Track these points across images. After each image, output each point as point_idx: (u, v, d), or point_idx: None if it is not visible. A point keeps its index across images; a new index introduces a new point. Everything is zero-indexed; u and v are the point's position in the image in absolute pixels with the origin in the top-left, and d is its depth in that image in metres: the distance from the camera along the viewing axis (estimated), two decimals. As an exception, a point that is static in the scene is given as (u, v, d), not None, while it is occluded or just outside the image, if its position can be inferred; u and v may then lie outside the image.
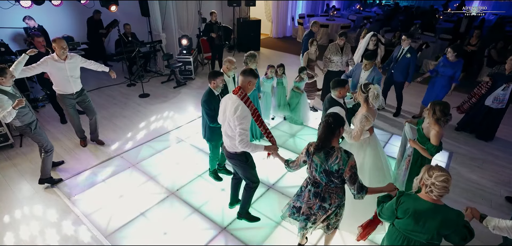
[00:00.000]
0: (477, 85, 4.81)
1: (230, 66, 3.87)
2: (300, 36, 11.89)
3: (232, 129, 2.59)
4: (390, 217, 2.05)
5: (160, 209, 3.49)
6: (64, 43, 3.85)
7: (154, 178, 3.98)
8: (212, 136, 3.49)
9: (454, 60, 4.70)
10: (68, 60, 3.95)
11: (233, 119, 2.51)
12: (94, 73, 7.71)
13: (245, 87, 2.56)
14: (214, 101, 3.22)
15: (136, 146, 4.67)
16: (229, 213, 3.43)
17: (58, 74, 3.94)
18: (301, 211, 2.44)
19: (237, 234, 3.17)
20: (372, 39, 5.68)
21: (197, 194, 3.72)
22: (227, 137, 2.71)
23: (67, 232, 3.16)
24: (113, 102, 6.18)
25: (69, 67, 3.98)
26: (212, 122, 3.24)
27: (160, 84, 7.18)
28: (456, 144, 4.86)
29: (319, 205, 2.33)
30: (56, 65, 3.89)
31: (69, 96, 4.15)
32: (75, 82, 4.12)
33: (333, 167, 2.14)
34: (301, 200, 2.46)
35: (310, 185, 2.38)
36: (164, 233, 3.17)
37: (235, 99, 2.54)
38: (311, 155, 2.25)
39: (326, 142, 2.16)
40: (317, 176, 2.26)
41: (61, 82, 4.02)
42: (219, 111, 2.82)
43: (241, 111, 2.48)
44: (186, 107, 6.06)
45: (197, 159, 4.41)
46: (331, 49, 5.38)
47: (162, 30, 7.52)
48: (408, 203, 1.90)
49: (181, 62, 7.30)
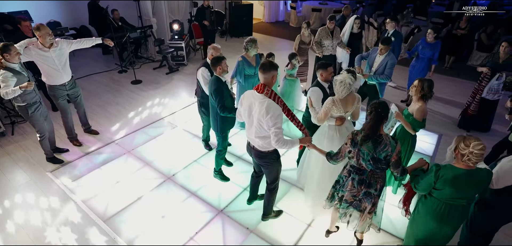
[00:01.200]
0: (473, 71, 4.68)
1: (215, 54, 3.54)
2: (292, 21, 11.81)
3: (265, 129, 2.44)
4: (427, 189, 2.21)
5: (157, 193, 3.54)
6: (49, 29, 3.54)
7: (149, 164, 4.01)
8: (224, 126, 3.34)
9: (433, 41, 4.96)
10: (53, 48, 3.63)
11: (265, 121, 2.36)
12: (84, 61, 7.62)
13: (269, 84, 2.39)
14: (223, 88, 3.08)
15: (130, 133, 4.67)
16: (225, 196, 3.50)
17: (44, 64, 3.65)
18: (344, 198, 2.50)
19: (234, 216, 3.26)
20: (355, 22, 5.61)
21: (193, 178, 3.78)
22: (259, 138, 2.54)
23: (64, 218, 3.19)
24: (105, 89, 6.11)
25: (56, 55, 3.67)
26: (223, 111, 3.09)
27: (152, 71, 7.10)
28: (449, 132, 5.02)
29: (365, 191, 2.39)
30: (42, 55, 3.58)
31: (60, 87, 3.88)
32: (65, 71, 3.84)
33: (381, 154, 2.20)
34: (343, 189, 2.51)
35: (353, 174, 2.40)
36: (162, 216, 3.24)
37: (262, 98, 2.37)
38: (358, 144, 2.25)
39: (375, 131, 2.19)
40: (364, 164, 2.29)
41: (50, 72, 3.73)
42: (242, 111, 2.61)
43: (273, 111, 2.34)
44: (179, 93, 6.03)
45: (192, 144, 4.44)
46: (321, 34, 5.37)
47: (152, 14, 7.37)
48: (447, 174, 2.06)
49: (173, 48, 7.21)
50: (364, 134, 2.22)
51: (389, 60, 4.18)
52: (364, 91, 4.58)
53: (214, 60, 3.10)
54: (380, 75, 4.21)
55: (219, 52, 3.58)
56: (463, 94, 6.03)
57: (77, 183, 3.65)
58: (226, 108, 3.08)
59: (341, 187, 2.54)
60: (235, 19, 9.93)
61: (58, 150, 4.11)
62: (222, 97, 3.06)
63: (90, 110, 5.19)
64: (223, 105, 3.06)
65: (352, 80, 2.71)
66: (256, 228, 3.12)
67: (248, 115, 2.53)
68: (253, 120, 2.50)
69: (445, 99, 5.89)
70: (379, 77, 4.21)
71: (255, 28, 10.78)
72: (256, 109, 2.42)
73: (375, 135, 2.19)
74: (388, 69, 4.16)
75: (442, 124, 5.06)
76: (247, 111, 2.52)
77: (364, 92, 4.58)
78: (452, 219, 2.22)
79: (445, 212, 2.20)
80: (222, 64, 3.07)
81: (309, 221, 3.19)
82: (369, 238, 2.95)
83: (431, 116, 5.26)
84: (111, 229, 3.06)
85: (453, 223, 2.25)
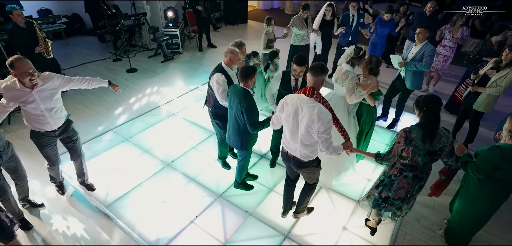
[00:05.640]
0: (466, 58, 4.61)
1: (233, 58, 3.06)
2: (287, 8, 11.73)
3: (312, 137, 2.29)
4: (488, 171, 2.25)
5: (156, 179, 3.60)
6: (28, 65, 2.45)
7: (148, 151, 4.05)
8: (251, 142, 3.07)
9: (388, 19, 5.54)
10: (37, 88, 2.58)
11: (316, 126, 2.22)
12: (79, 49, 7.52)
13: (318, 87, 2.27)
14: (254, 102, 2.77)
15: (128, 121, 4.69)
16: (224, 182, 3.58)
17: (27, 108, 2.61)
18: (395, 197, 2.53)
19: (233, 200, 3.35)
20: (327, 9, 5.43)
21: (192, 164, 3.84)
22: (303, 146, 2.37)
23: (66, 205, 3.24)
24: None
25: (41, 97, 2.61)
26: (256, 128, 2.75)
27: (147, 59, 7.05)
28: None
29: (418, 185, 2.45)
30: (21, 96, 2.53)
31: (46, 134, 2.85)
32: (54, 116, 2.77)
33: (437, 147, 2.23)
34: (392, 189, 2.52)
35: (406, 172, 2.41)
36: (162, 201, 3.31)
37: (312, 102, 2.22)
38: (412, 141, 2.25)
39: (437, 126, 2.20)
40: (419, 160, 2.29)
41: (33, 118, 2.70)
42: (284, 117, 2.41)
43: (325, 116, 2.20)
44: (175, 81, 6.03)
45: (190, 131, 4.49)
46: (296, 23, 5.18)
47: (146, 2, 7.26)
48: (511, 153, 2.16)
49: (167, 36, 7.15)
50: (424, 132, 2.20)
51: (426, 49, 3.94)
52: (397, 87, 4.45)
53: (247, 70, 2.69)
54: (418, 62, 3.96)
55: (239, 57, 3.16)
56: (454, 80, 6.17)
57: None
58: (259, 125, 2.76)
59: (387, 187, 2.56)
60: (229, 6, 9.83)
61: (33, 205, 3.17)
62: (256, 113, 2.77)
63: (87, 100, 5.18)
64: (256, 122, 2.75)
65: (351, 52, 3.30)
66: (254, 211, 3.21)
67: (292, 121, 2.33)
68: (297, 127, 2.32)
69: (438, 86, 5.99)
70: (418, 64, 3.94)
71: (250, 15, 10.69)
72: (304, 115, 2.25)
73: (436, 130, 2.20)
74: (427, 58, 3.90)
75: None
76: (292, 116, 2.32)
77: (396, 88, 4.48)
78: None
79: (509, 190, 2.34)
80: (254, 78, 2.74)
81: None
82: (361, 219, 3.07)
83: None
84: (113, 214, 3.12)
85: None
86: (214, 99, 3.19)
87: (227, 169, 3.76)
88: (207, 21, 7.69)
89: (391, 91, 4.61)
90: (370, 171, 3.79)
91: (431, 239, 2.96)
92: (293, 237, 2.95)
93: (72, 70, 6.27)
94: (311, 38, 5.60)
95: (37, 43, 4.41)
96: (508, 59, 3.49)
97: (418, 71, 4.04)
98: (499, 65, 3.61)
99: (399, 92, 4.49)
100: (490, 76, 3.64)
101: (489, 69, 3.71)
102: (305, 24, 5.24)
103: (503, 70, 3.53)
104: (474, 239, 2.81)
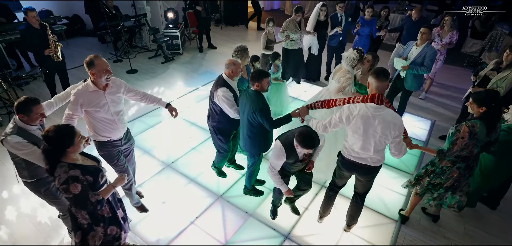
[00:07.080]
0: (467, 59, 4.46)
1: (235, 70, 2.93)
2: (287, 9, 11.74)
3: (384, 142, 2.28)
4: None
5: (157, 180, 3.60)
6: (106, 62, 2.41)
7: (148, 152, 4.06)
8: (268, 144, 3.00)
9: (370, 19, 5.43)
10: (109, 90, 2.50)
11: (393, 132, 2.21)
12: (80, 50, 7.53)
13: (383, 92, 2.24)
14: (266, 102, 2.74)
15: (128, 122, 4.67)
16: (224, 183, 3.58)
17: (96, 112, 2.47)
18: (446, 185, 2.65)
19: (233, 201, 3.35)
20: (322, 9, 5.37)
21: (192, 165, 3.84)
22: (377, 153, 2.34)
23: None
24: (101, 79, 6.07)
25: (112, 99, 2.52)
26: (274, 126, 2.71)
27: (147, 60, 7.06)
28: (442, 118, 5.13)
29: (469, 174, 2.61)
30: (94, 99, 2.43)
31: (115, 144, 2.70)
32: (122, 121, 2.68)
33: (493, 137, 2.45)
34: (442, 177, 2.65)
35: (459, 163, 2.54)
36: (163, 202, 3.31)
37: (383, 110, 2.21)
38: (476, 135, 2.33)
39: (499, 119, 2.42)
40: (475, 150, 2.42)
41: (102, 127, 2.55)
42: (352, 134, 2.35)
43: (399, 119, 2.24)
44: (175, 82, 6.04)
45: (190, 132, 4.49)
46: (289, 27, 5.09)
47: (146, 3, 7.28)
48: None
49: (168, 37, 7.16)
50: (489, 125, 2.38)
51: (428, 51, 3.92)
52: (397, 86, 4.45)
53: (259, 73, 2.66)
54: (420, 66, 3.97)
55: (241, 68, 3.05)
56: (457, 81, 6.18)
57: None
58: (276, 122, 2.70)
59: (438, 176, 2.68)
60: (230, 7, 9.84)
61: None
62: (269, 113, 2.72)
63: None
64: (273, 121, 2.70)
65: (356, 55, 3.32)
66: (255, 212, 3.22)
67: (363, 133, 2.26)
68: (370, 137, 2.27)
69: (438, 86, 6.00)
70: (419, 68, 3.97)
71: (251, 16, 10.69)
72: (379, 122, 2.20)
73: (498, 122, 2.43)
74: (429, 61, 3.91)
75: (435, 111, 5.17)
76: (362, 129, 2.25)
77: (397, 88, 4.47)
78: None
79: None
80: (265, 80, 2.67)
81: (306, 204, 3.30)
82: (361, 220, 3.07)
83: (424, 103, 5.40)
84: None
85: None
86: (218, 115, 3.06)
87: (224, 177, 3.66)
88: (207, 22, 7.71)
89: (392, 91, 4.62)
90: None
91: (431, 239, 2.96)
92: (293, 238, 2.95)
93: (73, 71, 6.28)
94: (305, 41, 5.51)
95: (47, 45, 4.41)
96: (508, 60, 3.50)
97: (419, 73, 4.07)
98: (500, 66, 3.62)
99: (400, 92, 4.50)
100: (491, 77, 3.65)
101: (489, 71, 3.71)
102: (299, 27, 5.15)
103: (503, 71, 3.53)
104: (474, 239, 2.81)
